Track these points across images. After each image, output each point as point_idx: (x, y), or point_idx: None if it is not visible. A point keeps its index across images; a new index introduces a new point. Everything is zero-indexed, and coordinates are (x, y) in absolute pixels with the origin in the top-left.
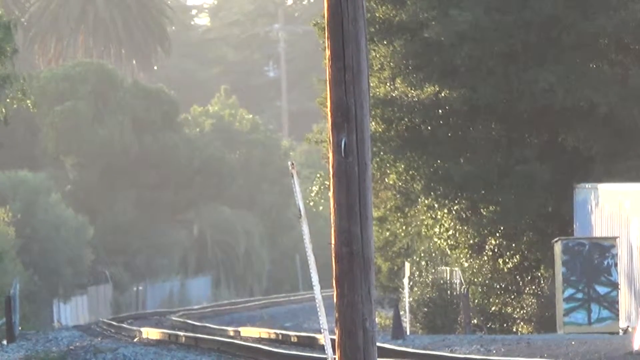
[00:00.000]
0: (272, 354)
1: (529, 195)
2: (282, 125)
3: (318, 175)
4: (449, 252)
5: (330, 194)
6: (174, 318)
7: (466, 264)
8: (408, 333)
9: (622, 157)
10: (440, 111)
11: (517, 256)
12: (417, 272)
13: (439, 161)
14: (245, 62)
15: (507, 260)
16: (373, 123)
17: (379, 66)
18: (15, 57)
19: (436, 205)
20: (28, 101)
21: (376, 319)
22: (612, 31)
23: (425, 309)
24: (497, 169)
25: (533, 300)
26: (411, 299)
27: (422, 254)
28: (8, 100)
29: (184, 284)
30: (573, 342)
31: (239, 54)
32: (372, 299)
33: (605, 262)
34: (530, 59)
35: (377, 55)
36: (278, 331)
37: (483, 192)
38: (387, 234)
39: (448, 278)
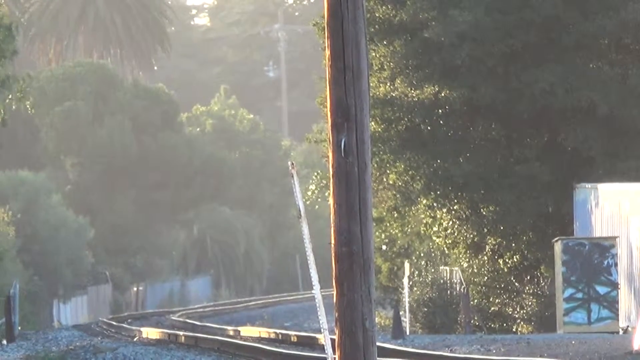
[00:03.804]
0: (272, 354)
1: (529, 195)
2: (282, 125)
3: (315, 174)
4: (447, 251)
5: (330, 193)
6: (173, 318)
7: (466, 264)
8: (408, 333)
9: (622, 157)
10: (440, 111)
11: (517, 256)
12: (417, 272)
13: (439, 161)
14: (245, 62)
15: (507, 260)
16: (373, 123)
17: (379, 66)
18: (14, 58)
19: (436, 205)
20: (27, 102)
21: (376, 319)
22: (612, 31)
23: (425, 309)
24: (497, 169)
25: (533, 300)
26: (411, 299)
27: (422, 254)
28: (7, 100)
29: (184, 284)
30: (573, 342)
31: (239, 54)
32: (372, 298)
33: (605, 262)
34: (530, 59)
35: (377, 55)
36: (278, 331)
37: (483, 192)
38: (386, 234)
39: (448, 278)
